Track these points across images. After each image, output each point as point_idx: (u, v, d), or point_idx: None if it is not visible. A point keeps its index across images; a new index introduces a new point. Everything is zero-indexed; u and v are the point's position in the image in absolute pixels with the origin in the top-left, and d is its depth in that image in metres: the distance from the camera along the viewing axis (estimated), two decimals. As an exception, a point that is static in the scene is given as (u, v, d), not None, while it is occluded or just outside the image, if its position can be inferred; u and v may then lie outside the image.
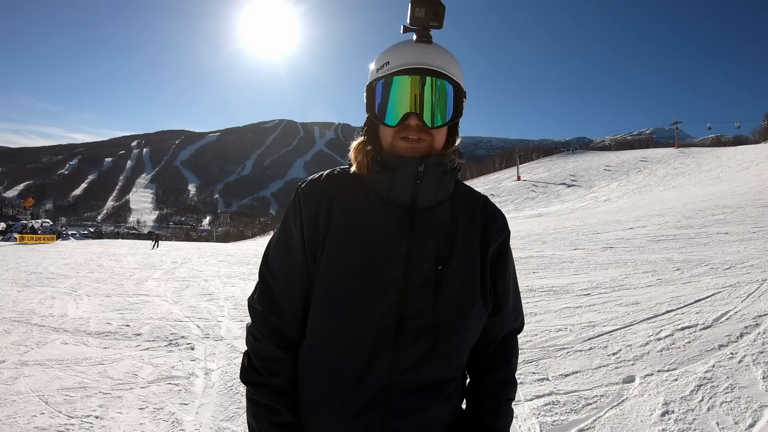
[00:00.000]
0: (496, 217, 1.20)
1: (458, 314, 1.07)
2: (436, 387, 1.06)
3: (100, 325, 6.04)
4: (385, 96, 1.06)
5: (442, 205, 1.13)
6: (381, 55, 1.10)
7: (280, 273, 1.13)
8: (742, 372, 3.51)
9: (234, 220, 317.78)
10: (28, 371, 4.32)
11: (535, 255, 10.05)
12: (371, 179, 1.10)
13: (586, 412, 3.13)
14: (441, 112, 1.06)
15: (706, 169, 40.37)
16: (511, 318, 1.22)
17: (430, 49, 1.07)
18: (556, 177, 56.65)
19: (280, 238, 1.16)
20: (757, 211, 12.96)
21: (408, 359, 1.03)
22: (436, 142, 1.07)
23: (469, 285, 1.10)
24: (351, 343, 1.04)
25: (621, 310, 5.26)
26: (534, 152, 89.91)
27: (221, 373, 4.22)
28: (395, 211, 1.09)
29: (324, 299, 1.07)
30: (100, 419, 3.36)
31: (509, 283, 1.22)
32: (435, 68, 1.05)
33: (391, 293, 1.03)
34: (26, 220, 62.59)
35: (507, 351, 1.23)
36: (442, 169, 1.08)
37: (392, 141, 1.07)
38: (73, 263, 14.92)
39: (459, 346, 1.09)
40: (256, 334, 1.13)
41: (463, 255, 1.11)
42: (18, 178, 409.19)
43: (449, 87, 1.06)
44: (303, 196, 1.13)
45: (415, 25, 1.07)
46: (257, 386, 1.10)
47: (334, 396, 1.06)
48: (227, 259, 15.58)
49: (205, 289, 9.05)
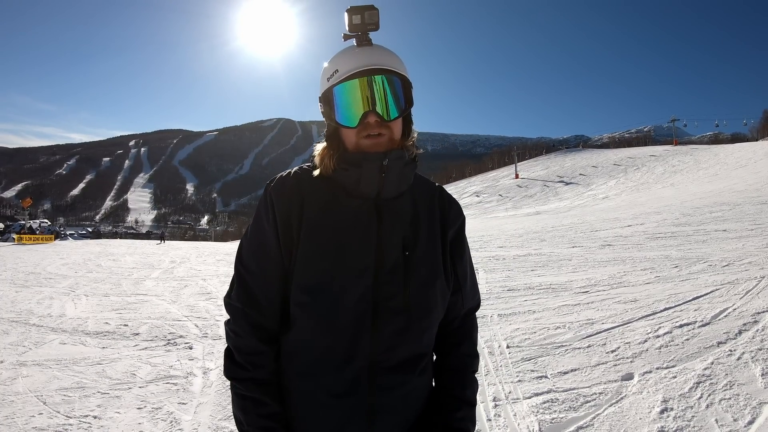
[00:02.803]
0: (452, 205, 1.30)
1: (426, 295, 1.16)
2: (412, 362, 1.16)
3: (98, 325, 6.03)
4: (342, 101, 1.13)
5: (404, 195, 1.21)
6: (328, 65, 1.16)
7: (257, 269, 1.17)
8: (740, 369, 3.52)
9: (232, 220, 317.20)
10: (26, 371, 4.31)
11: (533, 253, 10.05)
12: (338, 177, 1.17)
13: (585, 410, 3.14)
14: (394, 105, 1.13)
15: (704, 166, 40.44)
16: (470, 296, 1.32)
17: (372, 50, 1.14)
18: (554, 175, 56.70)
19: (254, 235, 1.20)
20: (755, 208, 12.98)
21: (386, 339, 1.12)
22: (394, 135, 1.15)
23: (433, 268, 1.19)
24: (333, 327, 1.11)
25: (619, 308, 5.26)
26: (531, 150, 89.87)
27: (219, 373, 4.21)
28: (363, 203, 1.16)
29: (303, 289, 1.12)
30: (98, 419, 3.35)
31: (466, 264, 1.31)
32: (380, 66, 1.12)
33: (366, 278, 1.11)
34: (24, 220, 62.40)
35: (468, 327, 1.33)
36: (404, 161, 1.16)
37: (356, 141, 1.14)
38: (72, 263, 14.89)
39: (429, 324, 1.19)
40: (237, 330, 1.17)
41: (427, 240, 1.20)
42: (16, 178, 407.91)
43: (396, 80, 1.14)
44: (275, 194, 1.17)
45: (354, 31, 1.15)
46: (243, 381, 1.15)
47: (319, 379, 1.12)
48: (225, 258, 15.56)
49: (203, 288, 9.04)
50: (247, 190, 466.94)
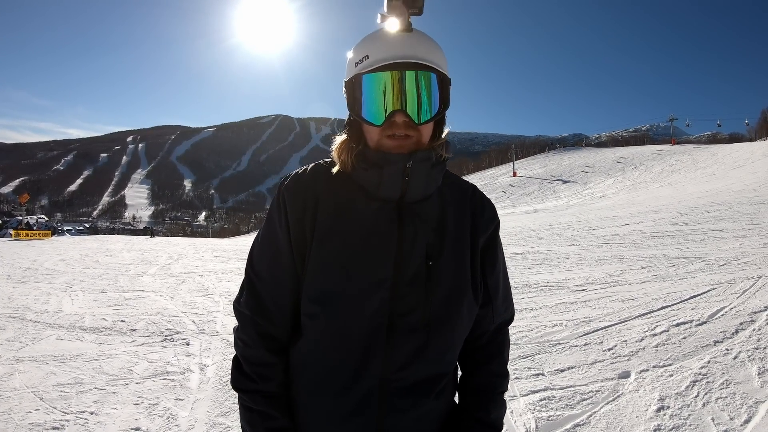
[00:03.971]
0: (485, 207, 1.17)
1: (450, 309, 1.05)
2: (428, 383, 1.05)
3: (95, 321, 6.01)
4: (368, 93, 1.00)
5: (431, 197, 1.09)
6: (358, 46, 1.03)
7: (267, 274, 1.10)
8: (737, 368, 3.53)
9: (230, 216, 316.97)
10: (23, 367, 4.30)
11: (530, 251, 10.06)
12: (357, 176, 1.06)
13: (582, 408, 3.14)
14: (428, 106, 1.00)
15: (702, 166, 40.53)
16: (502, 309, 1.20)
17: (411, 39, 1.00)
18: (552, 173, 56.75)
19: (265, 237, 1.12)
20: (752, 208, 13.00)
21: (401, 357, 1.01)
22: (423, 137, 1.03)
23: (460, 279, 1.07)
24: (343, 342, 1.02)
25: (616, 306, 5.27)
26: (529, 148, 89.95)
27: (216, 369, 4.21)
28: (383, 206, 1.05)
29: (314, 299, 1.04)
30: (95, 415, 3.35)
31: (499, 274, 1.19)
32: (418, 60, 0.98)
33: (382, 291, 1.01)
34: (21, 216, 62.20)
35: (498, 343, 1.21)
36: (430, 163, 1.04)
37: (378, 139, 1.03)
38: (69, 259, 14.85)
39: (451, 342, 1.08)
40: (245, 339, 1.10)
41: (454, 248, 1.08)
42: (13, 173, 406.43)
43: (434, 78, 1.00)
44: (287, 193, 1.08)
45: (393, 12, 0.99)
46: (250, 393, 1.08)
47: (327, 396, 1.04)
48: (223, 254, 15.54)
49: (200, 284, 9.02)
50: (244, 186, 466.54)
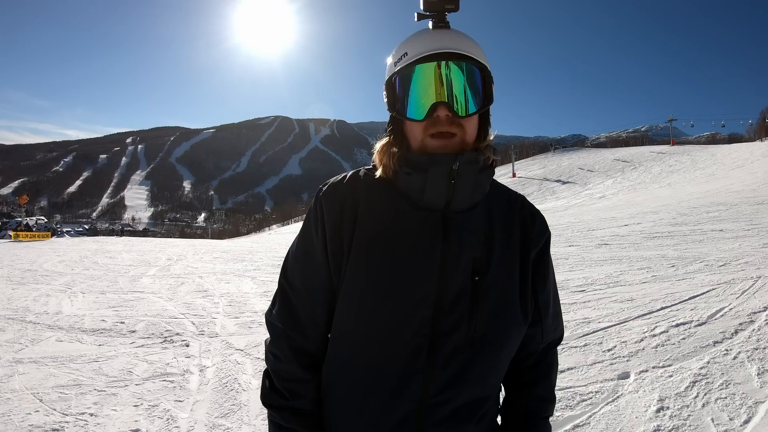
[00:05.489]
0: (536, 219, 1.10)
1: (496, 329, 0.98)
2: (470, 408, 0.99)
3: (94, 323, 6.00)
4: (408, 89, 0.96)
5: (477, 207, 1.02)
6: (398, 47, 1.01)
7: (301, 286, 1.04)
8: (736, 368, 3.53)
9: (229, 217, 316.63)
10: (22, 369, 4.29)
11: (530, 252, 10.06)
12: (400, 182, 1.00)
13: (581, 408, 3.15)
14: (471, 99, 0.96)
15: (701, 166, 40.50)
16: (552, 328, 1.13)
17: (450, 33, 0.97)
18: (551, 174, 56.74)
19: (300, 247, 1.07)
20: (751, 208, 13.01)
21: (442, 380, 0.95)
22: (467, 136, 0.97)
23: (508, 296, 1.00)
24: (380, 362, 0.96)
25: (616, 307, 5.27)
26: (528, 149, 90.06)
27: (216, 370, 4.21)
28: (427, 216, 0.99)
29: (350, 316, 0.99)
30: (94, 417, 3.34)
31: (550, 290, 1.12)
32: (458, 51, 0.94)
33: (423, 308, 0.94)
34: (21, 218, 62.17)
35: (546, 365, 1.14)
36: (478, 166, 0.97)
37: (422, 139, 0.97)
38: (68, 260, 14.83)
39: (496, 364, 1.01)
40: (277, 354, 1.05)
41: (502, 263, 1.01)
42: (12, 175, 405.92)
43: (476, 70, 0.96)
44: (325, 201, 1.02)
45: (430, 10, 0.99)
46: (280, 410, 1.03)
47: (362, 419, 0.99)
48: (222, 255, 15.51)
49: (200, 285, 9.01)
50: (244, 187, 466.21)
